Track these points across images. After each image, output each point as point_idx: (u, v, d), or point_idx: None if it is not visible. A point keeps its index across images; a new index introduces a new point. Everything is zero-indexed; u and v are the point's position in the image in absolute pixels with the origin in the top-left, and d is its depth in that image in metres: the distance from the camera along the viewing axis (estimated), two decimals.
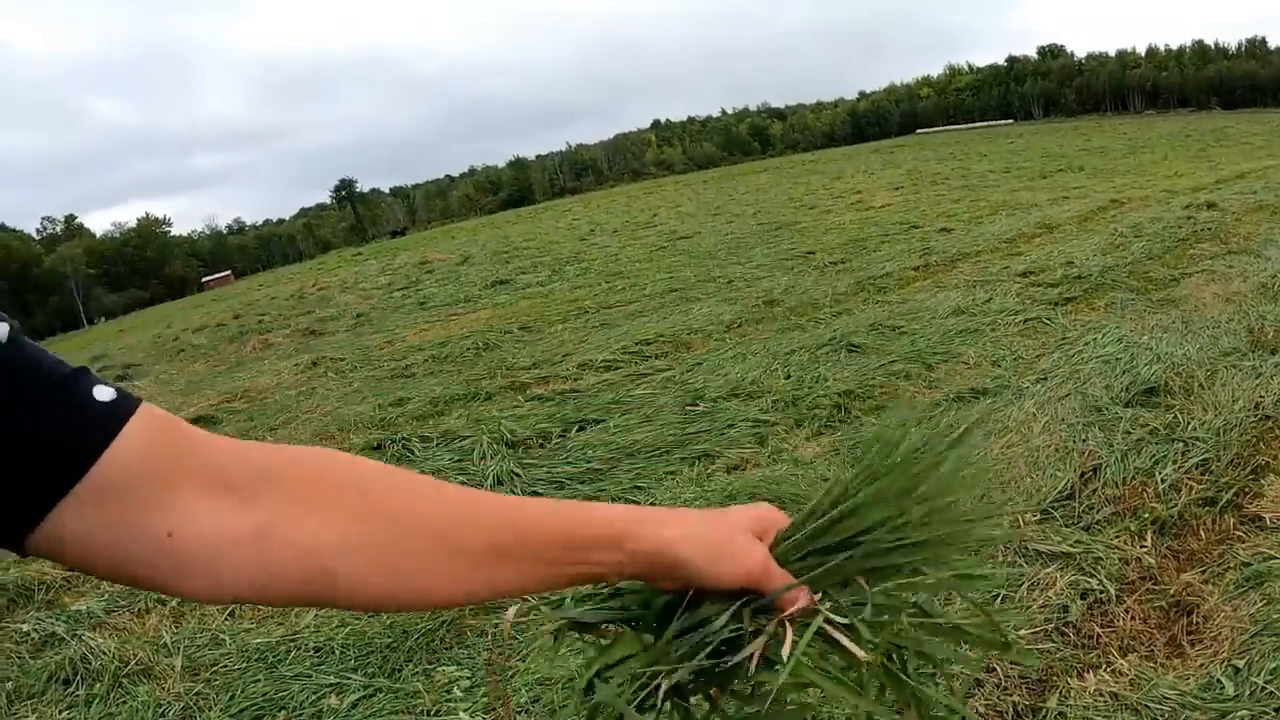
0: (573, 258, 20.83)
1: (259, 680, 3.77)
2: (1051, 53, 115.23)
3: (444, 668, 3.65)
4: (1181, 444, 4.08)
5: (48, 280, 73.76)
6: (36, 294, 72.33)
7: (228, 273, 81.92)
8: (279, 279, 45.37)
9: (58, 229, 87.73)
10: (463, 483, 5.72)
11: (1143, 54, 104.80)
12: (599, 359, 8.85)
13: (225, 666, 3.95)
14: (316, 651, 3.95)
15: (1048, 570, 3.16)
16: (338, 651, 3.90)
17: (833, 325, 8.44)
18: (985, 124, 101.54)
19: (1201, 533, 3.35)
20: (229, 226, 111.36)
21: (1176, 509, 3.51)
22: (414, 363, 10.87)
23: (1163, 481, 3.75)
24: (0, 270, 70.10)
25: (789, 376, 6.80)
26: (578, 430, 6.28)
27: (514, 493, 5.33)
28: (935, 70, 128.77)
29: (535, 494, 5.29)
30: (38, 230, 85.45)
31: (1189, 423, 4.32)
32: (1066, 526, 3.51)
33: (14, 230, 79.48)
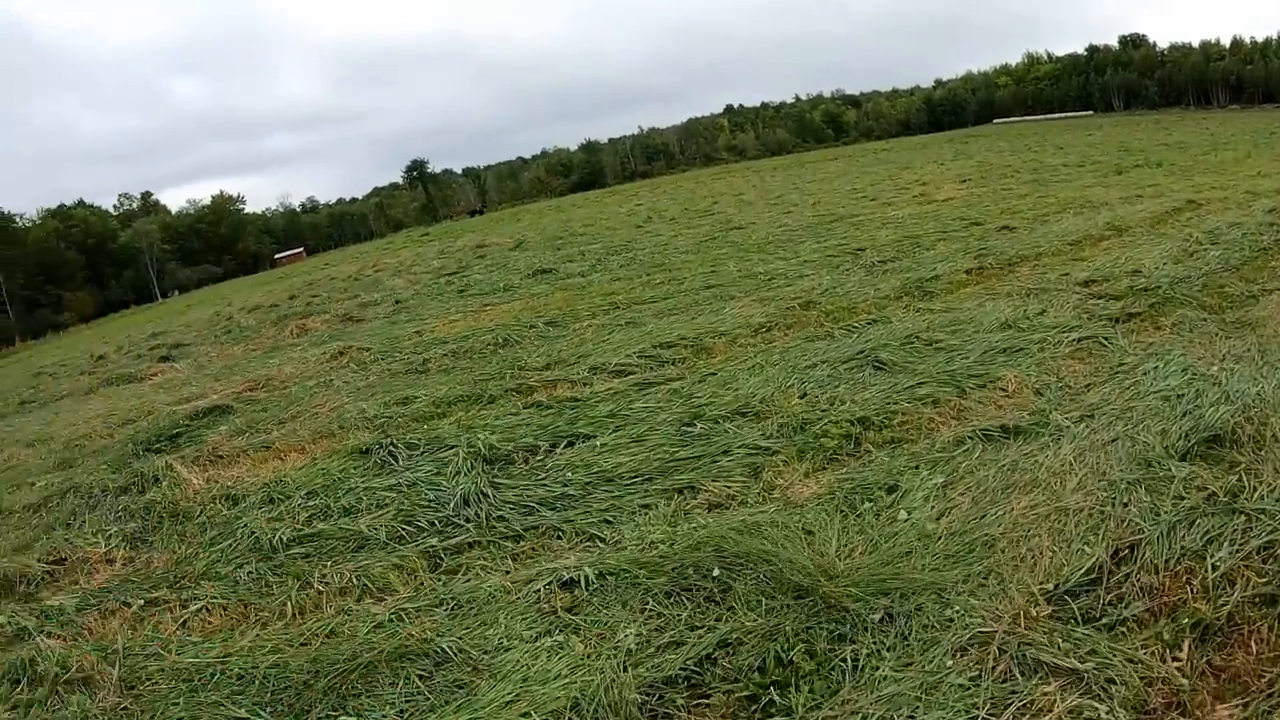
0: (622, 246, 20.33)
1: (178, 704, 3.62)
2: (1133, 43, 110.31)
3: (346, 718, 3.26)
4: (1244, 518, 3.33)
5: (123, 255, 75.68)
6: (113, 267, 74.40)
7: (300, 250, 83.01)
8: (345, 258, 46.09)
9: (134, 205, 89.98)
10: (429, 501, 5.23)
11: (1227, 46, 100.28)
12: (613, 362, 8.33)
13: (157, 683, 3.81)
14: (239, 679, 3.73)
15: (1047, 689, 2.52)
16: (258, 681, 3.67)
17: (866, 335, 7.75)
18: (1064, 115, 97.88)
19: (1253, 644, 2.66)
20: (302, 205, 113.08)
21: (1226, 608, 2.82)
22: (432, 357, 10.51)
23: (1214, 568, 3.03)
24: (78, 244, 72.35)
25: (804, 395, 6.17)
26: (566, 446, 5.76)
27: (478, 514, 4.85)
28: (1014, 59, 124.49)
29: (501, 518, 4.80)
30: (115, 206, 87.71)
31: (1255, 488, 3.55)
32: (1083, 624, 2.85)
33: (92, 206, 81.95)
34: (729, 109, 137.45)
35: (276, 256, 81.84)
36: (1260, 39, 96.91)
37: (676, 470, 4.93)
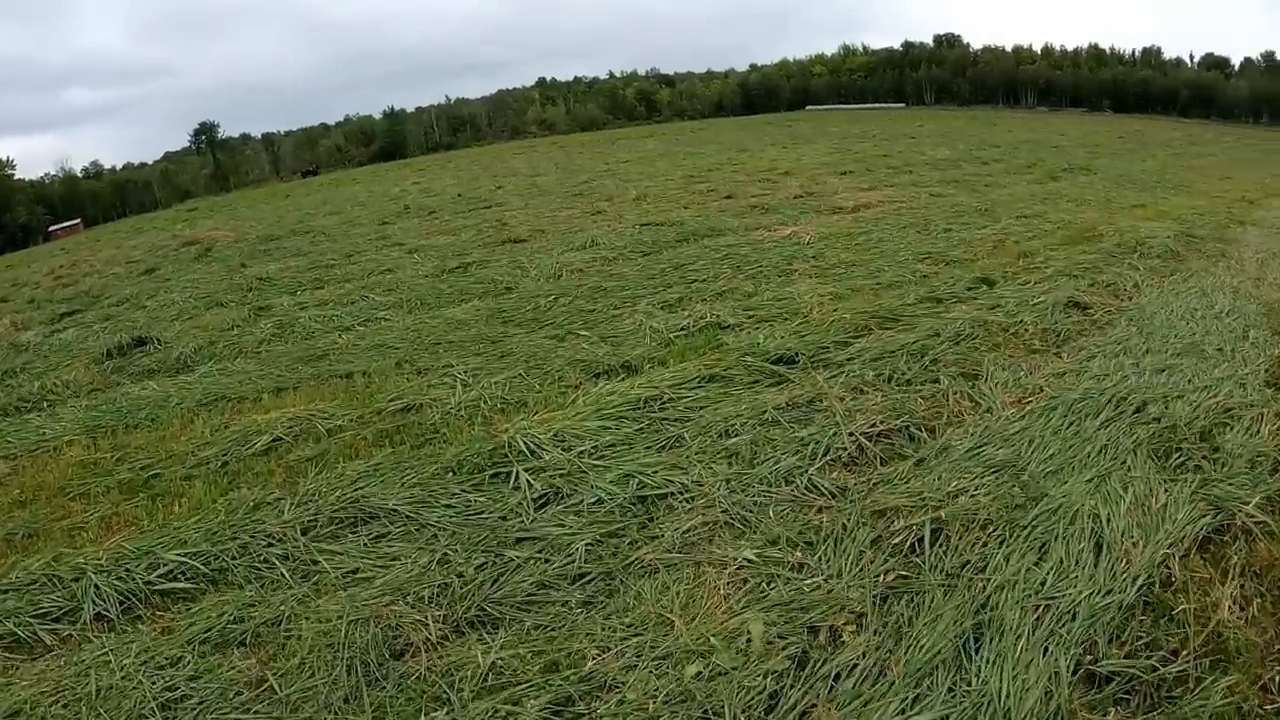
0: (322, 273, 11.85)
1: None
2: (948, 41, 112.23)
3: None
4: None
5: None
6: None
7: (77, 221, 71.42)
8: (58, 249, 34.99)
9: None
10: None
11: (1038, 50, 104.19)
12: None
13: None
14: None
15: None
16: None
17: None
18: (878, 105, 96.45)
19: None
20: (85, 170, 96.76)
21: None
22: None
23: None
24: None
25: None
26: None
27: None
28: (830, 49, 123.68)
29: None
30: None
31: None
32: None
33: None
34: (541, 81, 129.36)
35: (51, 229, 68.62)
36: (1070, 47, 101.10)
37: None
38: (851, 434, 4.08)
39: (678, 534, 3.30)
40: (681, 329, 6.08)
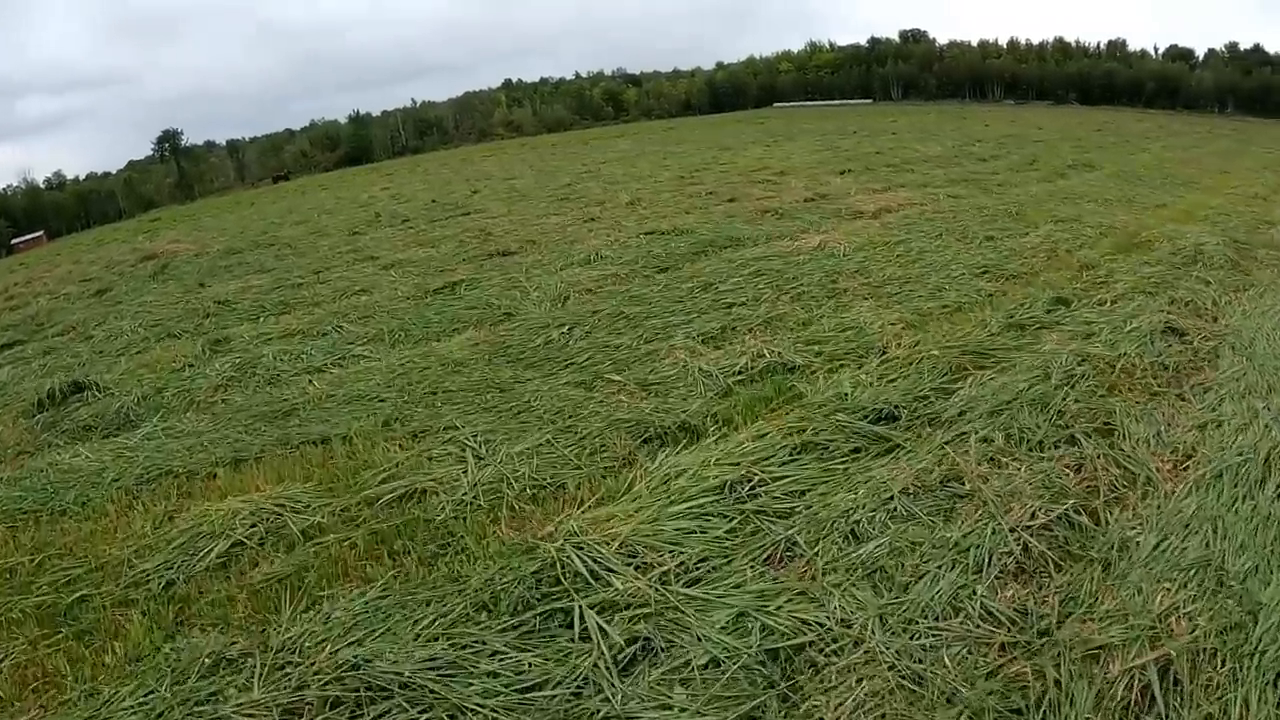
0: (288, 294, 10.76)
1: None
2: (913, 37, 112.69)
3: None
4: None
5: None
6: None
7: (39, 234, 70.12)
8: (39, 258, 33.42)
9: None
10: None
11: (1004, 45, 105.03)
12: None
13: None
14: None
15: None
16: None
17: None
18: (845, 102, 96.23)
19: None
20: (48, 181, 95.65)
21: None
22: None
23: None
24: None
25: None
26: None
27: None
28: (796, 46, 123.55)
29: None
30: None
31: None
32: None
33: None
34: (507, 83, 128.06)
35: (13, 242, 67.38)
36: (1036, 41, 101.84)
37: None
38: (1014, 530, 3.09)
39: (842, 714, 2.29)
40: (738, 372, 5.06)
